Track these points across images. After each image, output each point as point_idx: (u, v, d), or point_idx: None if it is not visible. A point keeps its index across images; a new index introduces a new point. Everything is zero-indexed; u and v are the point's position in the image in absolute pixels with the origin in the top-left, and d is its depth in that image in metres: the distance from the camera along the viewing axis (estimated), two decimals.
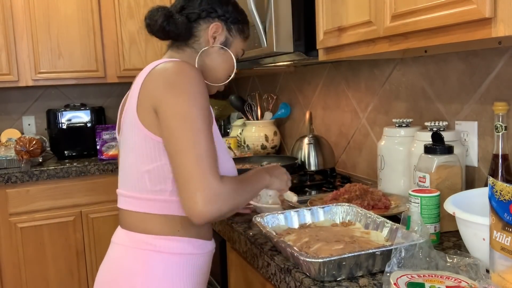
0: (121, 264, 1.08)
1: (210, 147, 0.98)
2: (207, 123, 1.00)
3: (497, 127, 1.17)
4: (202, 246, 1.13)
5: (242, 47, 1.23)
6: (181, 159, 0.96)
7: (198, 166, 0.95)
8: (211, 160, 0.97)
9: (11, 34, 2.72)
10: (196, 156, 0.95)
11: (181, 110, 0.98)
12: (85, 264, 2.68)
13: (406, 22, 1.09)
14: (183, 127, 0.97)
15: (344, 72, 2.03)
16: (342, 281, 0.93)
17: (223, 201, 0.96)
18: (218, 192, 0.95)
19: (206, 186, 0.94)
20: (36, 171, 2.54)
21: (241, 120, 2.71)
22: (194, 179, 0.94)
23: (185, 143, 0.96)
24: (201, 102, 1.00)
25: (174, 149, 0.98)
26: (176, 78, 1.01)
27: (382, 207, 1.36)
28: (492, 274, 0.83)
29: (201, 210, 0.94)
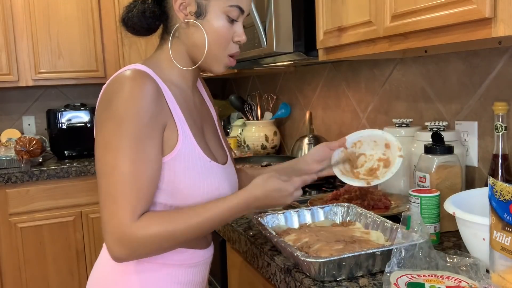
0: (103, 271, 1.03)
1: (130, 182, 0.86)
2: (134, 151, 0.87)
3: (497, 127, 1.17)
4: (192, 256, 1.04)
5: (232, 3, 0.98)
6: (99, 194, 0.89)
7: (108, 204, 0.86)
8: (126, 198, 0.86)
9: (11, 34, 2.72)
10: (107, 193, 0.87)
11: (104, 139, 0.89)
12: (85, 264, 2.68)
13: (406, 22, 1.09)
14: (102, 160, 0.88)
15: (344, 72, 2.03)
16: (342, 281, 0.93)
17: (134, 247, 0.86)
18: (127, 237, 0.85)
19: (113, 229, 0.85)
20: (36, 171, 2.54)
21: (241, 120, 2.71)
22: (103, 218, 0.86)
23: (101, 178, 0.88)
24: (131, 127, 0.87)
25: (99, 179, 0.90)
26: (109, 98, 0.91)
27: (382, 207, 1.36)
28: (492, 274, 0.83)
29: (111, 252, 0.87)
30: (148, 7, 1.00)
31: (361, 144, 1.19)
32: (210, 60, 1.01)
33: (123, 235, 0.86)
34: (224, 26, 0.98)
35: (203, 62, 1.01)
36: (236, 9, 0.99)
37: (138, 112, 0.88)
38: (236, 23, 1.01)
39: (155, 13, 1.01)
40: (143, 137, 0.89)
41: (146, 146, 0.89)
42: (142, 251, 0.88)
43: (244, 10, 1.01)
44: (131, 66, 0.96)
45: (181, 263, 1.02)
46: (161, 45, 1.05)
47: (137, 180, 0.87)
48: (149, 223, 0.88)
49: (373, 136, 1.19)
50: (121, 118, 0.88)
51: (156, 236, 0.88)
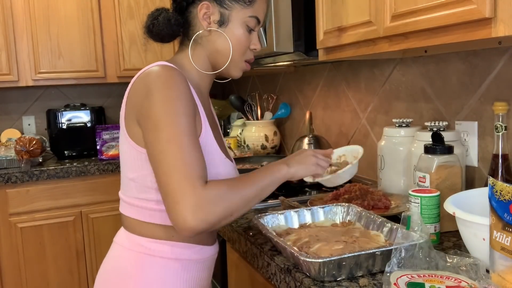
0: (116, 265, 1.08)
1: (188, 153, 0.91)
2: (184, 128, 0.92)
3: (497, 127, 1.17)
4: (200, 252, 1.09)
5: (251, 14, 1.06)
6: (158, 171, 0.91)
7: (175, 175, 0.89)
8: (190, 167, 0.90)
9: (11, 34, 2.72)
10: (170, 166, 0.89)
11: (154, 119, 0.93)
12: (85, 264, 2.68)
13: (406, 22, 1.09)
14: (156, 138, 0.92)
15: (344, 72, 2.03)
16: (342, 281, 0.93)
17: (209, 209, 0.88)
18: (201, 200, 0.88)
19: (186, 196, 0.87)
20: (36, 171, 2.54)
21: (241, 120, 2.71)
22: (172, 191, 0.88)
23: (159, 154, 0.91)
24: (176, 107, 0.93)
25: (152, 161, 0.93)
26: (153, 86, 0.95)
27: (382, 207, 1.36)
28: (492, 274, 0.83)
29: (185, 223, 0.87)
30: (173, 16, 1.08)
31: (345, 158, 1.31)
32: (230, 65, 1.10)
33: (198, 198, 0.88)
34: (243, 34, 1.07)
35: (220, 65, 1.10)
36: (254, 20, 1.08)
37: (182, 96, 0.95)
38: (253, 32, 1.10)
39: (179, 21, 1.08)
40: (187, 115, 0.94)
41: (190, 123, 0.95)
42: (217, 211, 0.90)
43: (261, 20, 1.11)
44: (160, 63, 1.01)
45: (189, 258, 1.06)
46: (182, 50, 1.12)
47: (194, 151, 0.92)
48: (214, 186, 0.91)
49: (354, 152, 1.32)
50: (169, 100, 0.93)
51: (224, 193, 0.92)
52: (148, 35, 1.11)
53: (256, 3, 1.07)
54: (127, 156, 1.03)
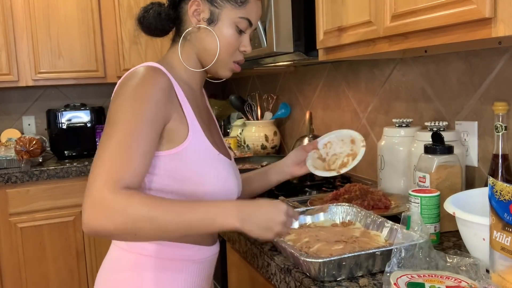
0: (115, 266, 1.07)
1: (122, 154, 0.87)
2: (133, 130, 0.89)
3: (497, 127, 1.17)
4: (199, 252, 1.07)
5: (241, 15, 1.05)
6: (93, 161, 0.90)
7: (94, 171, 0.86)
8: (112, 168, 0.86)
9: (11, 34, 2.72)
10: (98, 161, 0.87)
11: (109, 115, 0.92)
12: (85, 264, 2.68)
13: (406, 22, 1.09)
14: (103, 132, 0.91)
15: (344, 72, 2.03)
16: (342, 281, 0.93)
17: (106, 215, 0.83)
18: (102, 203, 0.83)
19: (92, 193, 0.84)
20: (36, 171, 2.54)
21: (241, 120, 2.71)
22: (88, 184, 0.86)
23: (98, 148, 0.90)
24: (134, 107, 0.91)
25: None
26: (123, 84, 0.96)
27: (382, 207, 1.36)
28: (492, 274, 0.83)
29: (83, 219, 0.84)
30: (164, 10, 1.08)
31: (331, 145, 1.33)
32: (217, 64, 1.08)
33: (102, 200, 0.83)
34: (232, 35, 1.06)
35: (208, 64, 1.08)
36: (245, 21, 1.06)
37: (144, 95, 0.92)
38: (244, 34, 1.08)
39: (170, 16, 1.08)
40: (144, 117, 0.91)
41: (145, 126, 0.91)
42: (116, 219, 0.83)
43: (253, 23, 1.09)
44: (145, 64, 1.01)
45: (187, 258, 1.05)
46: (173, 47, 1.12)
47: (129, 151, 0.88)
48: (132, 196, 0.85)
49: (340, 136, 1.34)
50: (127, 97, 0.92)
51: (135, 209, 0.84)
52: (138, 26, 1.11)
53: (248, 5, 1.06)
54: None
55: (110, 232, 0.84)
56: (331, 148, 1.33)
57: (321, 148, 1.33)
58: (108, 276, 1.08)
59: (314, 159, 1.31)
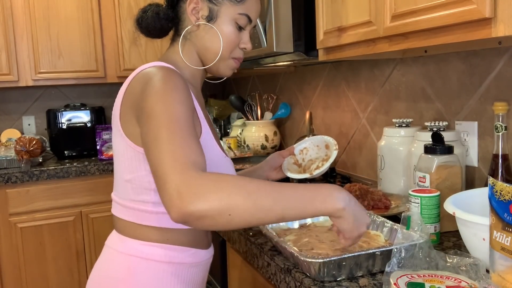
0: (109, 269, 1.05)
1: (181, 139, 0.83)
2: (179, 116, 0.86)
3: (497, 127, 1.17)
4: (194, 255, 1.06)
5: (241, 11, 1.04)
6: (151, 158, 0.84)
7: (164, 159, 0.80)
8: (181, 152, 0.81)
9: (11, 34, 2.72)
10: (162, 150, 0.81)
11: (148, 109, 0.88)
12: (85, 264, 2.68)
13: (406, 22, 1.09)
14: (149, 126, 0.86)
15: (344, 72, 2.03)
16: (342, 281, 0.93)
17: (199, 191, 0.75)
18: (190, 180, 0.76)
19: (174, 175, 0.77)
20: (36, 171, 2.54)
21: (241, 120, 2.71)
22: (162, 173, 0.79)
23: (152, 141, 0.84)
24: (171, 97, 0.89)
25: (146, 152, 0.86)
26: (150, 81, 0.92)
27: (382, 207, 1.36)
28: (492, 274, 0.83)
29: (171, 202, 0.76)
30: (162, 9, 1.07)
31: (307, 151, 1.37)
32: (218, 61, 1.07)
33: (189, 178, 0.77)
34: (232, 32, 1.05)
35: (209, 62, 1.07)
36: (244, 17, 1.05)
37: (183, 96, 0.90)
38: (244, 31, 1.08)
39: (168, 15, 1.07)
40: (187, 105, 0.89)
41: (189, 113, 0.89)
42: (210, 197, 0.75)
43: (252, 19, 1.08)
44: (153, 64, 0.99)
45: (183, 261, 1.03)
46: (173, 46, 1.11)
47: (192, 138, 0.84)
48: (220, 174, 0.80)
49: (315, 141, 1.38)
50: (164, 90, 0.89)
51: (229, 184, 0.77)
52: (137, 28, 1.10)
53: (247, 1, 1.05)
54: (123, 157, 1.00)
55: (204, 213, 0.75)
56: (307, 154, 1.36)
57: (297, 154, 1.36)
58: (102, 280, 1.05)
59: (290, 164, 1.34)
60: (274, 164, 1.33)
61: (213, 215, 0.76)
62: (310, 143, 1.37)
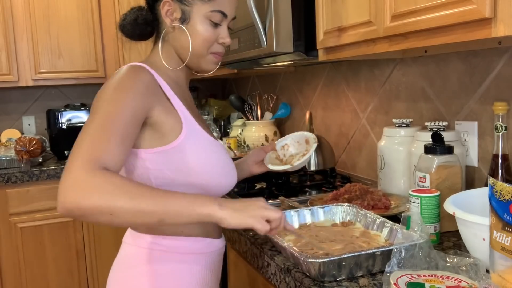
0: (129, 263, 1.09)
1: (101, 136, 0.87)
2: (114, 116, 0.90)
3: (497, 127, 1.17)
4: (209, 245, 1.11)
5: (212, 8, 1.06)
6: None
7: (73, 153, 0.86)
8: (91, 149, 0.85)
9: (11, 34, 2.72)
10: (78, 144, 0.87)
11: (93, 106, 0.95)
12: (85, 264, 2.68)
13: (406, 22, 1.09)
14: (87, 120, 0.94)
15: (344, 72, 2.03)
16: (342, 281, 0.93)
17: (84, 193, 0.81)
18: (79, 181, 0.81)
19: (69, 174, 0.82)
20: (36, 171, 2.54)
21: (241, 120, 2.71)
22: (65, 166, 0.85)
23: (80, 133, 0.90)
24: (116, 96, 0.93)
25: None
26: (106, 83, 0.99)
27: (382, 207, 1.36)
28: (492, 274, 0.83)
29: (60, 198, 0.82)
30: (141, 14, 1.10)
31: (288, 147, 1.42)
32: (197, 59, 1.09)
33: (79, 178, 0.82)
34: (207, 29, 1.07)
35: (191, 62, 1.10)
36: (218, 14, 1.07)
37: (124, 86, 0.95)
38: (220, 26, 1.09)
39: (147, 20, 1.10)
40: (123, 103, 0.93)
41: (123, 111, 0.92)
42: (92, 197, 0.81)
43: (228, 14, 1.09)
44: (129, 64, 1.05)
45: (200, 251, 1.10)
46: (155, 48, 1.13)
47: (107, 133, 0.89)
48: (112, 176, 0.84)
49: (296, 138, 1.42)
50: (108, 89, 0.95)
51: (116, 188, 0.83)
52: (122, 34, 1.13)
53: None
54: None
55: (84, 211, 0.81)
56: (288, 150, 1.41)
57: (279, 150, 1.41)
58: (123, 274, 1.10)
59: (272, 159, 1.39)
60: (256, 158, 1.37)
61: (94, 213, 0.82)
62: (291, 139, 1.42)
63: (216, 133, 2.87)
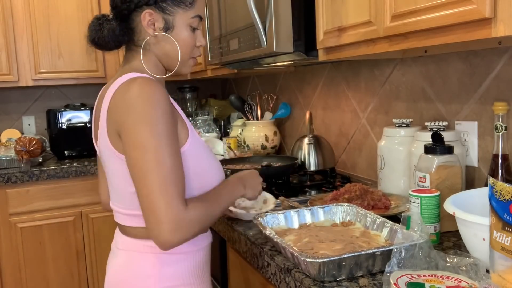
0: (132, 269, 1.10)
1: (174, 173, 0.95)
2: (168, 149, 0.96)
3: (497, 127, 1.17)
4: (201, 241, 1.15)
5: (193, 15, 1.09)
6: (144, 189, 0.94)
7: (161, 196, 0.93)
8: (175, 188, 0.95)
9: (11, 34, 2.73)
10: (158, 186, 0.93)
11: (141, 139, 0.95)
12: (85, 264, 2.68)
13: (406, 22, 1.09)
14: (144, 158, 0.94)
15: (344, 72, 2.03)
16: (342, 281, 0.93)
17: (189, 229, 0.95)
18: (183, 221, 0.94)
19: (171, 217, 0.93)
20: (36, 171, 2.54)
21: (241, 120, 2.71)
22: (158, 210, 0.93)
23: (147, 174, 0.94)
24: (162, 126, 0.96)
25: (137, 180, 0.96)
26: (135, 103, 0.97)
27: (382, 207, 1.36)
28: (492, 274, 0.83)
29: (166, 240, 0.94)
30: (117, 26, 1.10)
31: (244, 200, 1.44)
32: (179, 64, 1.12)
33: (181, 220, 0.94)
34: (189, 35, 1.10)
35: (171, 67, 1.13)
36: (197, 19, 1.11)
37: (165, 113, 0.97)
38: (197, 30, 1.13)
39: (124, 31, 1.11)
40: (172, 133, 0.98)
41: (174, 141, 0.99)
42: (194, 230, 0.97)
43: (203, 17, 1.14)
44: (131, 75, 1.03)
45: (195, 248, 1.13)
46: (133, 56, 1.12)
47: (178, 172, 0.97)
48: (195, 205, 0.98)
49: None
50: (153, 120, 0.95)
51: (202, 214, 0.99)
52: (93, 45, 1.15)
53: (197, 3, 1.10)
54: (123, 172, 1.03)
55: (187, 240, 0.98)
56: (244, 201, 1.45)
57: None
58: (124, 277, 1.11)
59: None
60: None
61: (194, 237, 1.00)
62: None
63: (216, 133, 2.87)
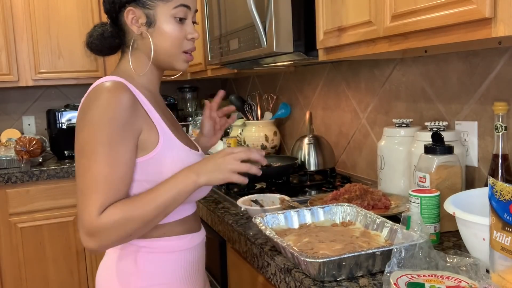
0: (116, 266, 1.10)
1: (104, 182, 0.94)
2: (108, 155, 0.95)
3: (497, 127, 1.17)
4: (192, 240, 1.15)
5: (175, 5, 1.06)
6: (77, 192, 0.97)
7: (82, 201, 0.95)
8: (98, 196, 0.94)
9: (11, 34, 2.73)
10: (83, 192, 0.95)
11: (81, 143, 0.97)
12: (85, 264, 2.68)
13: (406, 22, 1.09)
14: (79, 162, 0.97)
15: (344, 72, 2.03)
16: (342, 281, 0.93)
17: (103, 236, 0.94)
18: (96, 228, 0.93)
19: (84, 223, 0.94)
20: (36, 171, 2.54)
21: (241, 120, 2.71)
22: (79, 215, 0.96)
23: (77, 178, 0.97)
24: (105, 133, 0.95)
25: (76, 178, 0.98)
26: (86, 107, 0.99)
27: (382, 207, 1.36)
28: (492, 274, 0.83)
29: (85, 245, 0.96)
30: (107, 29, 1.11)
31: None
32: (169, 59, 1.10)
33: (92, 227, 0.93)
34: (174, 28, 1.07)
35: (163, 63, 1.11)
36: (182, 8, 1.07)
37: (111, 120, 0.96)
38: (186, 21, 1.09)
39: (112, 33, 1.11)
40: (115, 142, 0.96)
41: (118, 151, 0.96)
42: (111, 238, 0.95)
43: (191, 6, 1.10)
44: (108, 78, 1.04)
45: (183, 248, 1.12)
46: (124, 57, 1.14)
47: (108, 180, 0.95)
48: (112, 211, 0.95)
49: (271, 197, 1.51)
50: (96, 125, 0.96)
51: (120, 219, 0.94)
52: (91, 51, 1.17)
53: None
54: None
55: (109, 247, 0.98)
56: None
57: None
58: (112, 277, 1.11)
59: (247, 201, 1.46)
60: (209, 133, 1.40)
61: (119, 242, 0.98)
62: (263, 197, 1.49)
63: None
